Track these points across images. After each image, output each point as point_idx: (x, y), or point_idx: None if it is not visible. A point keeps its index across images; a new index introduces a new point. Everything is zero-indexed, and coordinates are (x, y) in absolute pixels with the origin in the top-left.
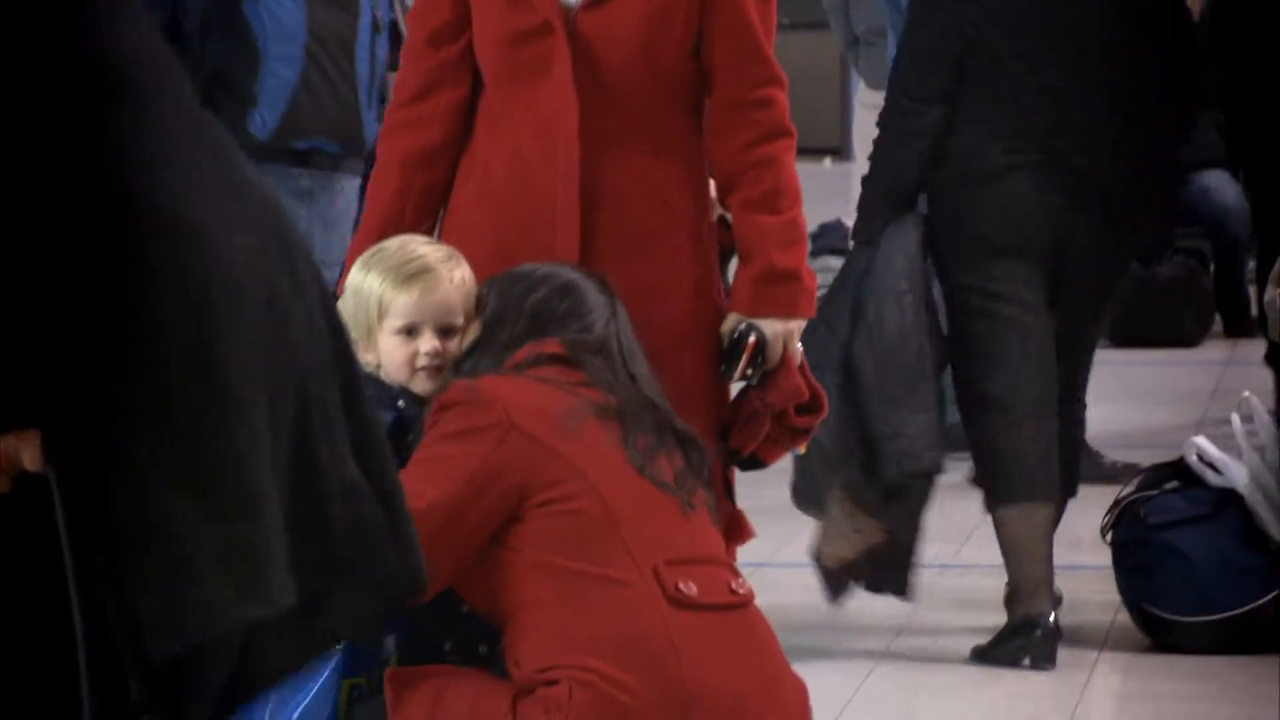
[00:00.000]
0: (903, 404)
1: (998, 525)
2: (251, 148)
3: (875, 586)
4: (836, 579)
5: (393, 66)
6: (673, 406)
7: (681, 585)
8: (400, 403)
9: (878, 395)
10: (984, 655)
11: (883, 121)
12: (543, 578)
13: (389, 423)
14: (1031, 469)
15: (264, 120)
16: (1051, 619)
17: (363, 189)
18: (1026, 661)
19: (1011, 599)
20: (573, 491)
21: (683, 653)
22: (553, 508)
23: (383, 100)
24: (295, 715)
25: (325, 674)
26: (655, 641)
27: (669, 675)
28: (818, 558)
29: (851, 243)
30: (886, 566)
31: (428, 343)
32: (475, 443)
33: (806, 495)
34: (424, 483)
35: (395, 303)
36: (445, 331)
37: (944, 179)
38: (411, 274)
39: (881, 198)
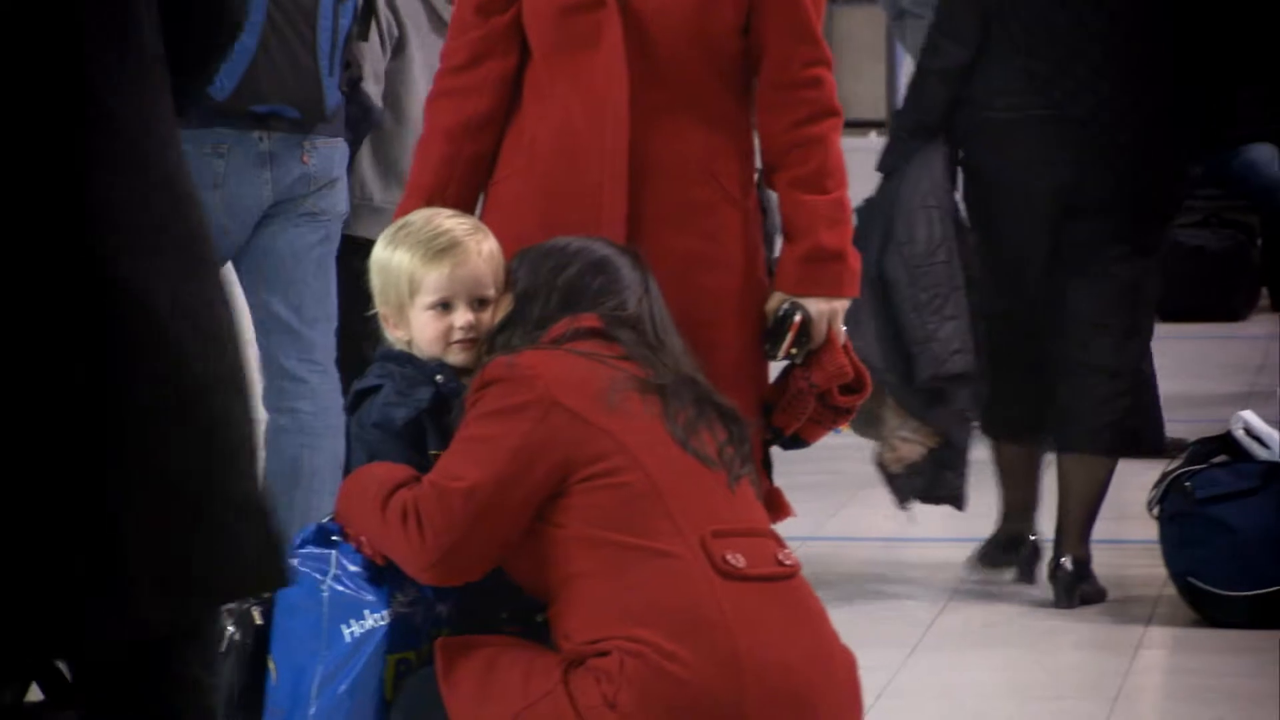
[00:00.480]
0: (934, 311)
1: (993, 452)
2: (210, 109)
3: (930, 497)
4: (901, 484)
5: (362, 37)
6: (714, 381)
7: (729, 556)
8: (438, 377)
9: (910, 305)
10: (976, 560)
11: (918, 59)
12: (589, 551)
13: (427, 399)
14: (1020, 411)
15: (221, 84)
16: (1033, 538)
17: (353, 154)
18: (1011, 575)
19: (1004, 518)
20: (616, 466)
21: (733, 623)
22: (597, 482)
23: (346, 67)
24: (342, 689)
25: (371, 649)
26: (705, 612)
27: (720, 646)
28: (881, 465)
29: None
30: (943, 471)
31: (462, 316)
32: (517, 420)
33: (861, 417)
34: (466, 463)
35: (427, 279)
36: (478, 303)
37: (962, 125)
38: (441, 249)
39: (906, 130)
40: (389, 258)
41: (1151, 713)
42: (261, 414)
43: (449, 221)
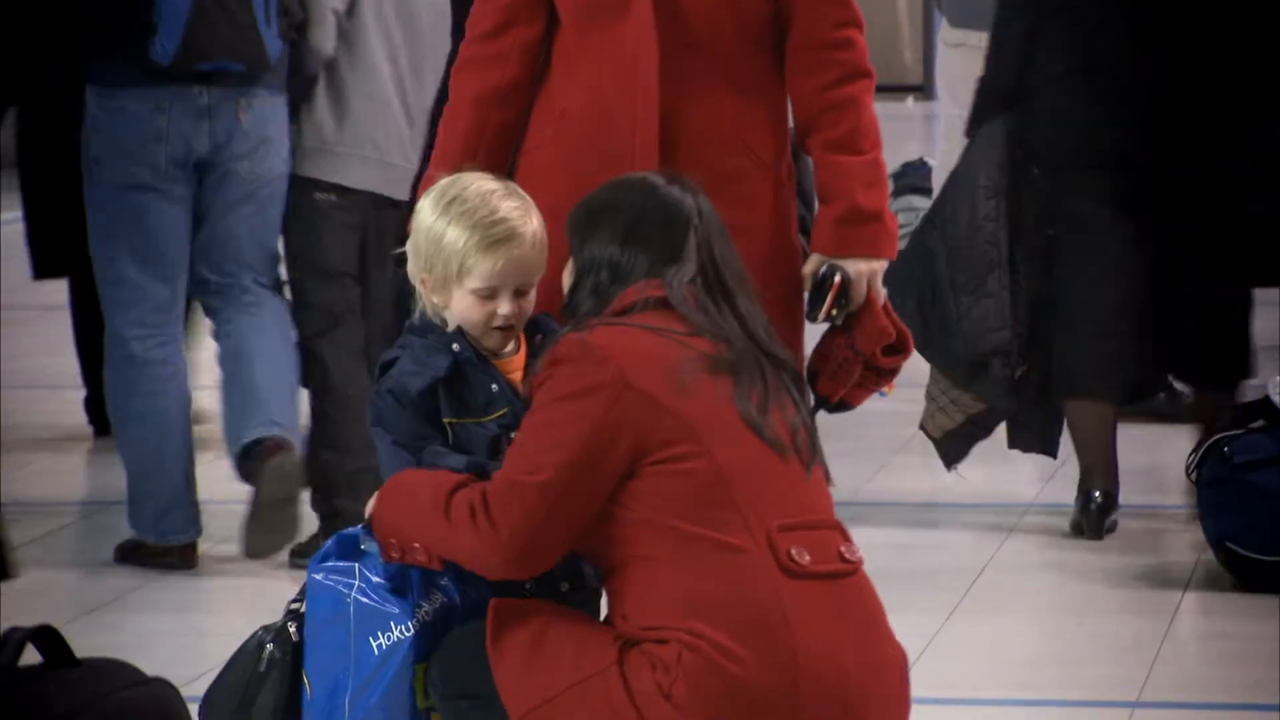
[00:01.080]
0: (970, 291)
1: (1066, 414)
2: (157, 73)
3: (1023, 445)
4: (945, 447)
5: None
6: None
7: (794, 552)
8: (455, 346)
9: (947, 283)
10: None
11: (991, 28)
12: (655, 536)
13: (444, 368)
14: (1092, 369)
15: (164, 48)
16: (1099, 494)
17: (293, 108)
18: (1082, 529)
19: (1081, 478)
20: (686, 452)
21: (795, 626)
22: (666, 467)
23: (284, 14)
24: (374, 702)
25: (399, 661)
26: (768, 613)
27: (780, 649)
28: (924, 428)
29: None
30: (1029, 419)
31: (505, 305)
32: (589, 403)
33: None
34: (540, 452)
35: (478, 268)
36: (521, 292)
37: (1025, 87)
38: (496, 240)
39: (980, 98)
40: (441, 231)
41: (1189, 677)
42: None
43: (504, 204)
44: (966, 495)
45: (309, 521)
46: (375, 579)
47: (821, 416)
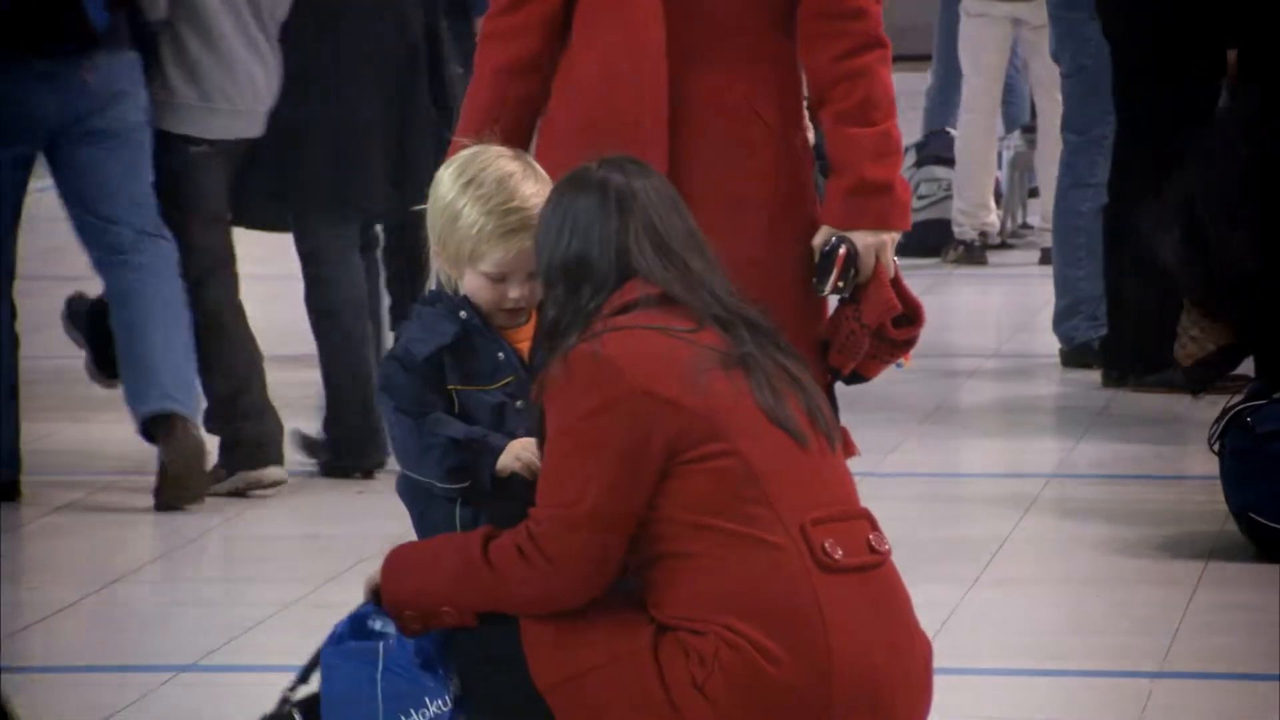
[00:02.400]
0: (1226, 220)
1: None
2: None
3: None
4: (1193, 375)
5: None
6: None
7: (828, 546)
8: (462, 313)
9: (1207, 215)
10: None
11: None
12: (688, 533)
13: (450, 335)
14: None
15: None
16: None
17: (147, 63)
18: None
19: None
20: (712, 451)
21: (830, 623)
22: (695, 467)
23: None
24: None
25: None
26: (805, 611)
27: (816, 647)
28: (1176, 360)
29: None
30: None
31: (515, 289)
32: (613, 418)
33: None
34: (579, 481)
35: (490, 254)
36: (533, 275)
37: None
38: (510, 229)
39: None
40: (457, 209)
41: (1211, 647)
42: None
43: (522, 189)
44: (989, 466)
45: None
46: (402, 656)
47: (842, 388)
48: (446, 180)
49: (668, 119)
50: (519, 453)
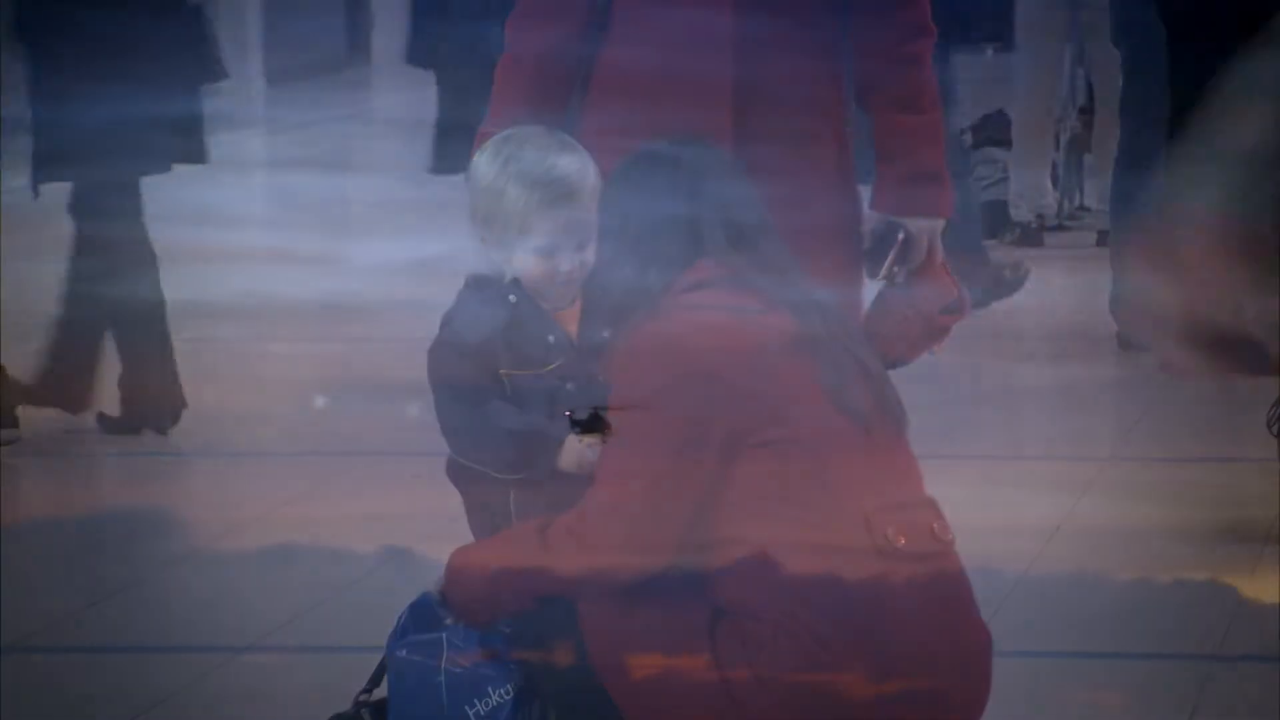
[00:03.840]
0: None
1: None
2: None
3: None
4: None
5: None
6: None
7: (890, 534)
8: (511, 298)
9: None
10: None
11: None
12: (748, 518)
13: (501, 320)
14: None
15: None
16: None
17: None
18: None
19: None
20: (775, 437)
21: (888, 614)
22: (758, 452)
23: None
24: None
25: None
26: (864, 602)
27: (873, 639)
28: None
29: None
30: None
31: (567, 262)
32: (676, 399)
33: None
34: (639, 462)
35: (538, 227)
36: (582, 246)
37: None
38: (555, 198)
39: None
40: (499, 188)
41: (1269, 630)
42: None
43: (561, 160)
44: (1047, 449)
45: None
46: (464, 646)
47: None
48: (484, 163)
49: (731, 109)
50: (579, 459)
